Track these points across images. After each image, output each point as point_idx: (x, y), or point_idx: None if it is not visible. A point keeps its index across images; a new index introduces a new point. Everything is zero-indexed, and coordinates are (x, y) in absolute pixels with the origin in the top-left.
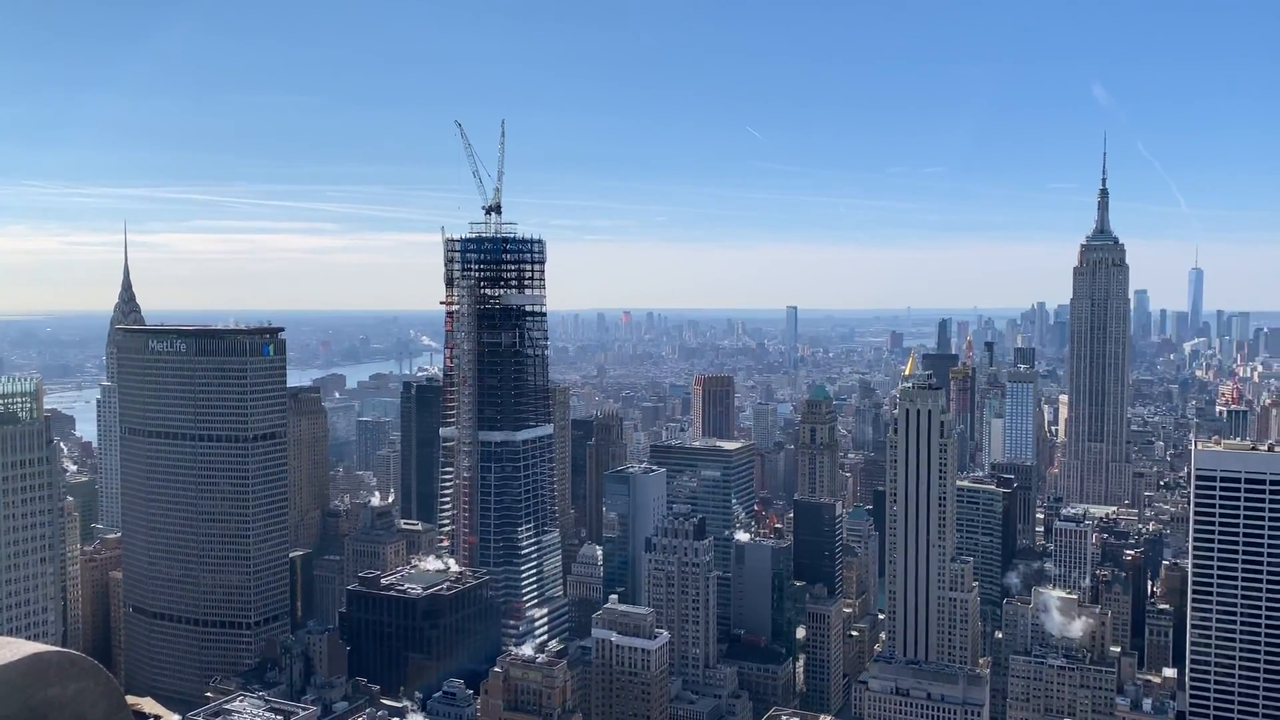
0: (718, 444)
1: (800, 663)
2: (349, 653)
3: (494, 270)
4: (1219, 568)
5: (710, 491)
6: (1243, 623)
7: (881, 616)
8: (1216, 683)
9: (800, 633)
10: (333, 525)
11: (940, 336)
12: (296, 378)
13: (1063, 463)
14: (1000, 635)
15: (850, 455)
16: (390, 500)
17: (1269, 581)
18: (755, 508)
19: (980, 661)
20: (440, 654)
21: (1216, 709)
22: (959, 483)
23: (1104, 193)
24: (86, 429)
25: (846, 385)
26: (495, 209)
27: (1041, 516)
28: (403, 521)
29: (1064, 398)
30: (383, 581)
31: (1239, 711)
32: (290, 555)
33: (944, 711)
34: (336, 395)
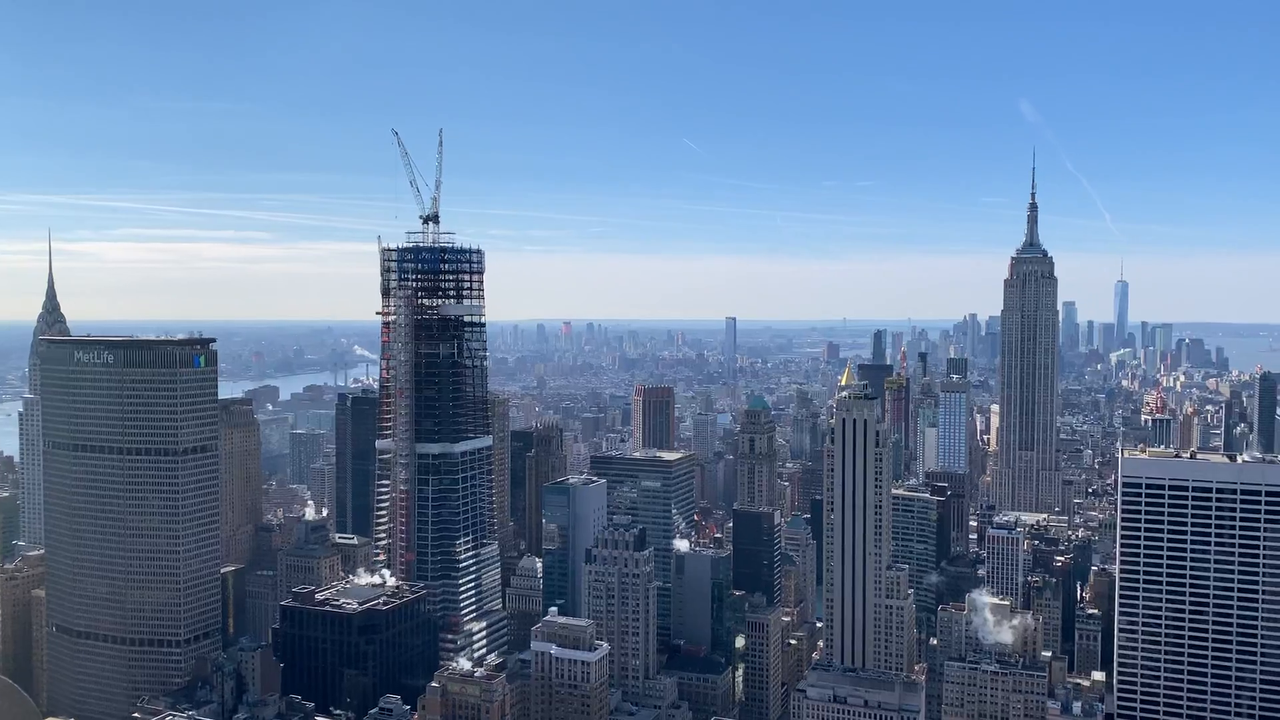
0: (658, 454)
1: (739, 672)
2: (283, 670)
3: (432, 280)
4: (1145, 573)
5: (650, 502)
6: (1167, 626)
7: (819, 624)
8: (1143, 685)
9: (739, 642)
10: (266, 540)
11: (875, 347)
12: (228, 389)
13: (994, 471)
14: (935, 642)
15: (789, 465)
16: (325, 514)
17: (1192, 585)
18: (695, 517)
19: (916, 668)
20: (377, 670)
21: (1143, 710)
22: (894, 491)
23: (1033, 207)
24: (7, 443)
25: (785, 395)
26: (433, 218)
27: (974, 524)
28: (338, 536)
29: (995, 407)
30: (317, 597)
31: (1164, 712)
32: (222, 571)
33: (881, 718)
34: (269, 407)
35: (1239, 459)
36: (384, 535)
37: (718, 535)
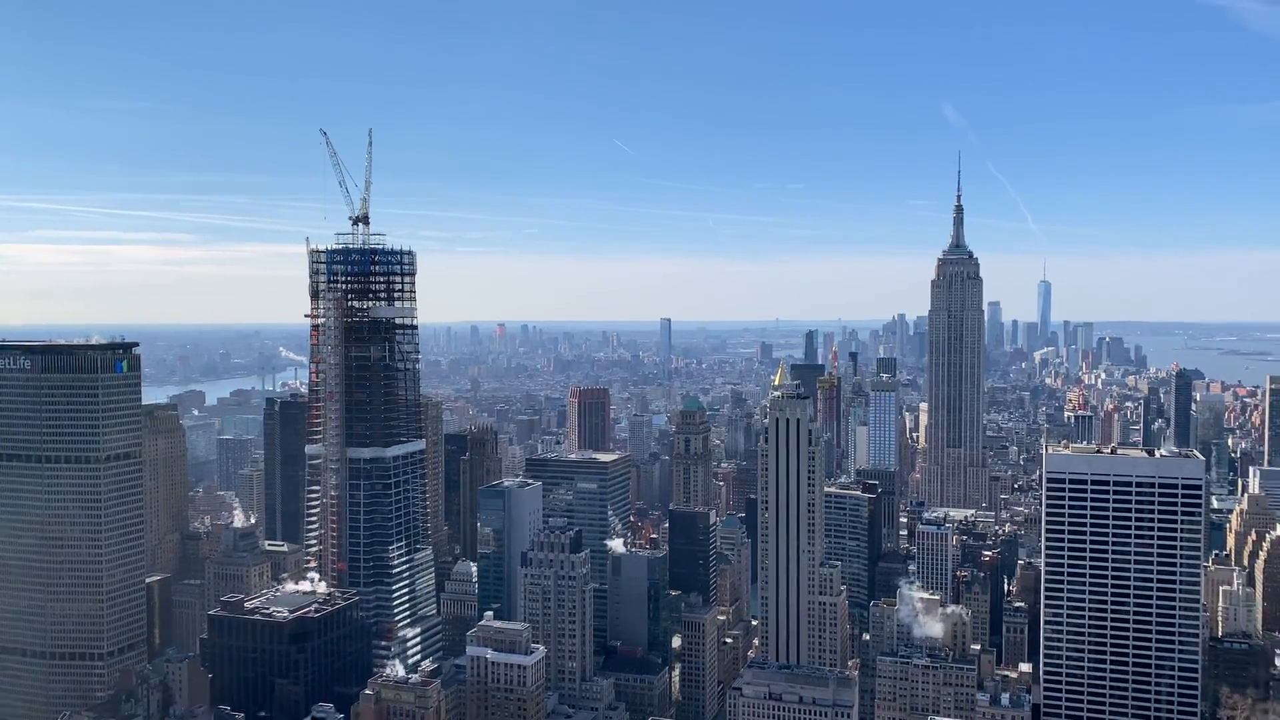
0: (594, 456)
1: (676, 672)
2: (211, 680)
3: (362, 282)
4: (1069, 565)
5: (587, 504)
6: (1090, 617)
7: (755, 622)
8: (1068, 675)
9: (676, 642)
10: (193, 548)
11: (807, 347)
12: (152, 395)
13: (924, 468)
14: (868, 637)
15: (724, 464)
16: (254, 521)
17: (1114, 577)
18: (631, 519)
19: (850, 663)
20: (309, 678)
21: (1068, 700)
22: (827, 489)
23: (959, 209)
24: None
25: (719, 396)
26: (363, 220)
27: (905, 520)
28: (267, 543)
29: (924, 405)
30: (246, 605)
31: (1088, 701)
32: (147, 581)
33: (815, 714)
34: (195, 412)
35: (1157, 453)
36: (315, 541)
37: (654, 536)
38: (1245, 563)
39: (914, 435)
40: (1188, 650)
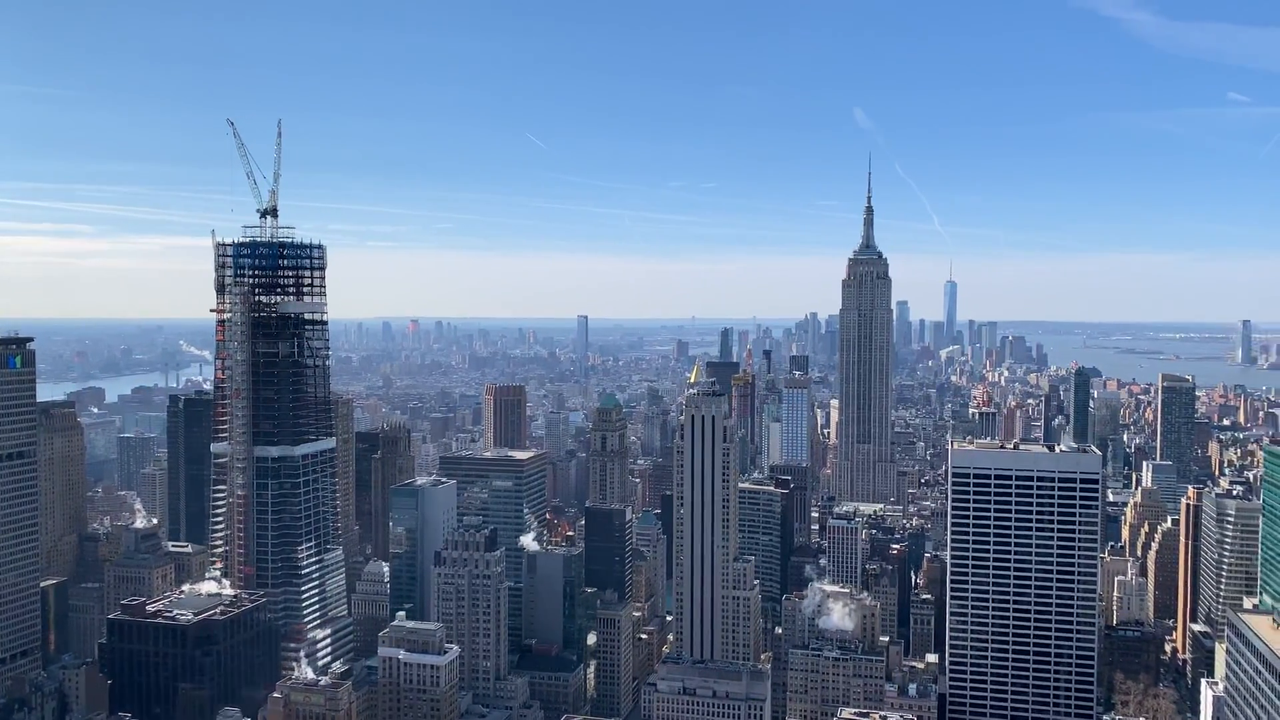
0: (510, 454)
1: (591, 669)
2: (111, 687)
3: (270, 276)
4: (973, 557)
5: (502, 502)
6: (994, 608)
7: (670, 618)
8: (972, 664)
9: (591, 639)
10: (91, 550)
11: (723, 345)
12: (48, 392)
13: (834, 463)
14: (780, 631)
15: (640, 461)
16: (156, 522)
17: (1016, 569)
18: (548, 516)
19: (762, 657)
20: (214, 682)
21: (973, 689)
22: (741, 485)
23: (869, 210)
24: None
25: (636, 393)
26: (271, 212)
27: (816, 515)
28: (171, 544)
29: (835, 402)
30: (148, 608)
31: (992, 689)
32: (42, 584)
33: (729, 708)
34: (94, 410)
35: (1057, 449)
36: (221, 542)
37: (570, 533)
38: (1138, 553)
39: (825, 431)
40: (1085, 638)
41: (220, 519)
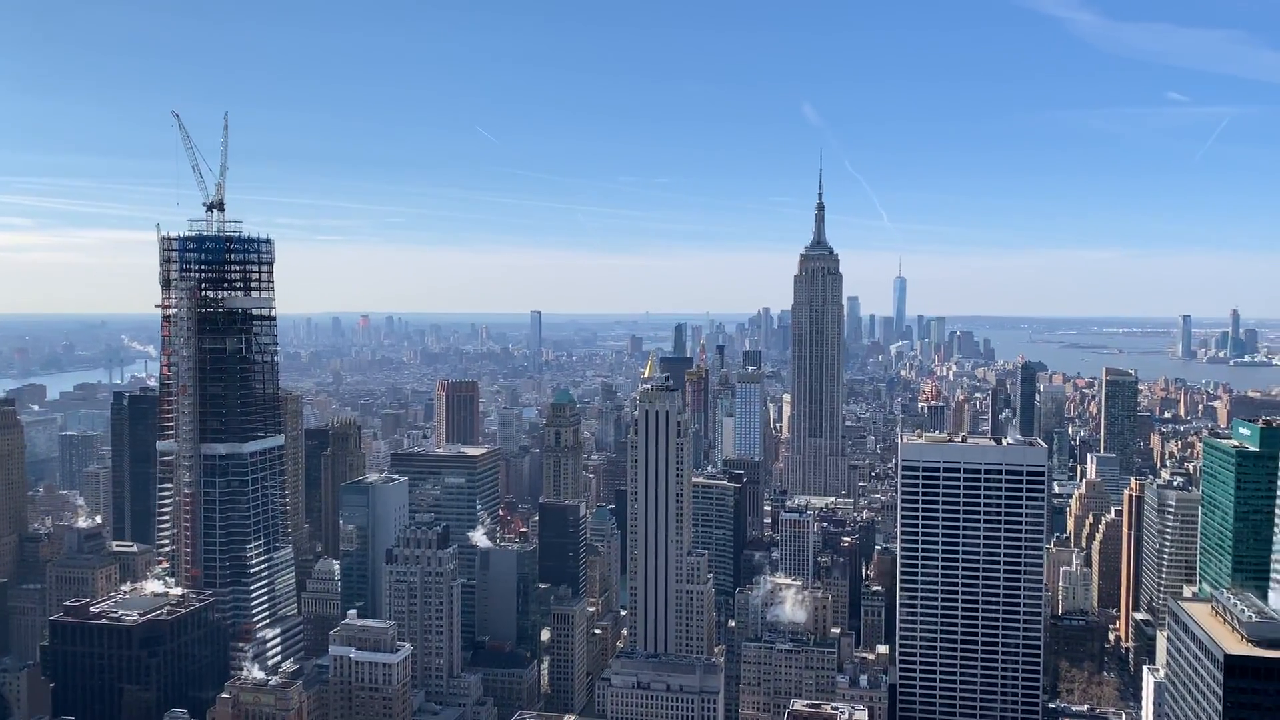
0: (462, 450)
1: (545, 665)
2: (53, 690)
3: (217, 271)
4: (922, 549)
5: (454, 499)
6: (943, 599)
7: (624, 613)
8: (922, 654)
9: (545, 635)
10: (32, 551)
11: (676, 340)
12: None
13: (787, 457)
14: (733, 624)
15: (594, 457)
16: (100, 521)
17: (964, 560)
18: (501, 513)
19: (716, 650)
20: (161, 684)
21: (922, 679)
22: (695, 479)
23: (820, 206)
24: None
25: (590, 388)
26: (218, 206)
27: (769, 509)
28: (115, 544)
29: (787, 397)
30: (92, 609)
31: (941, 679)
32: None
33: (682, 701)
34: (35, 408)
35: (1004, 442)
36: (167, 541)
37: (524, 530)
38: (1083, 544)
39: (778, 426)
40: (1031, 628)
41: (166, 518)
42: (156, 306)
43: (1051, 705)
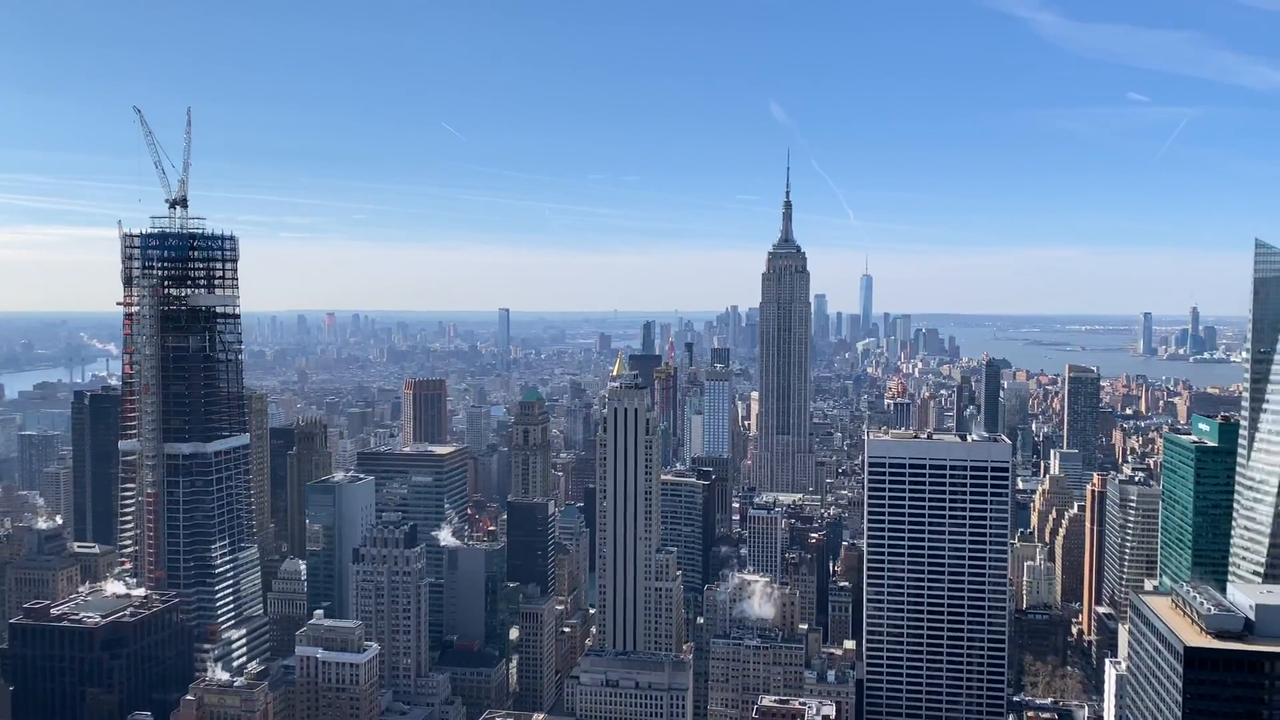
0: (430, 449)
1: (514, 663)
2: (13, 694)
3: (180, 268)
4: (889, 545)
5: (422, 497)
6: (909, 594)
7: (593, 611)
8: (889, 649)
9: (513, 633)
10: None
11: (645, 338)
12: None
13: (755, 454)
14: (702, 620)
15: (563, 455)
16: (60, 522)
17: (930, 555)
18: (469, 511)
19: (685, 647)
20: (124, 686)
21: (889, 673)
22: (663, 477)
23: (788, 204)
24: None
25: (558, 386)
26: (180, 202)
27: (737, 505)
28: (77, 545)
29: (755, 394)
30: (53, 611)
31: (908, 673)
32: None
33: (651, 699)
34: None
35: (968, 438)
36: (130, 542)
37: (492, 529)
38: (1046, 539)
39: (746, 423)
40: (996, 622)
41: (129, 518)
42: (118, 304)
43: (1016, 698)
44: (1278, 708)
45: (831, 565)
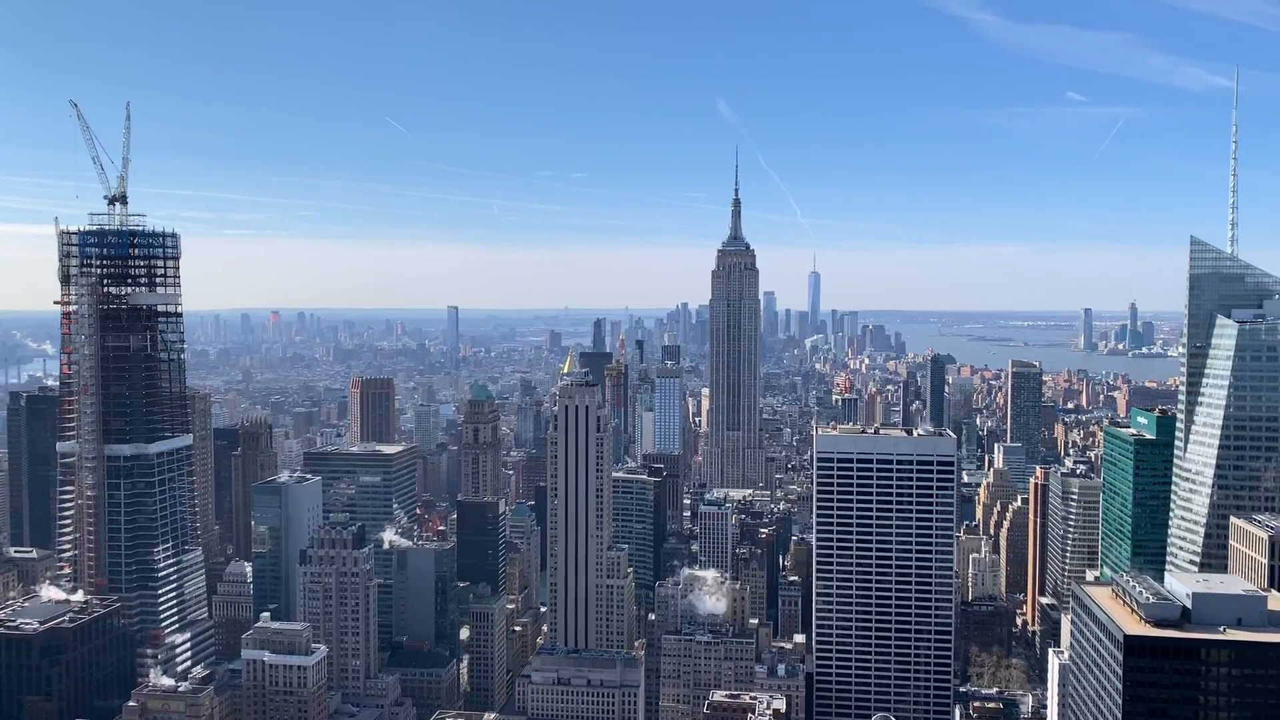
0: (377, 448)
1: (464, 663)
2: None
3: (120, 266)
4: (838, 539)
5: (370, 498)
6: (858, 587)
7: (544, 609)
8: (838, 642)
9: (464, 633)
10: None
11: (596, 335)
12: None
13: (705, 451)
14: (654, 617)
15: (513, 453)
16: None
17: (878, 549)
18: (418, 511)
19: (636, 644)
20: (63, 694)
21: (839, 666)
22: (615, 474)
23: (737, 202)
24: None
25: (508, 384)
26: (120, 199)
27: (688, 502)
28: (13, 550)
29: (706, 391)
30: None
31: (857, 667)
32: None
33: (602, 696)
34: None
35: (915, 433)
36: (69, 546)
37: (442, 528)
38: (991, 531)
39: (697, 420)
40: (942, 614)
41: (68, 522)
42: (56, 303)
43: (963, 689)
44: (1214, 693)
45: (781, 560)
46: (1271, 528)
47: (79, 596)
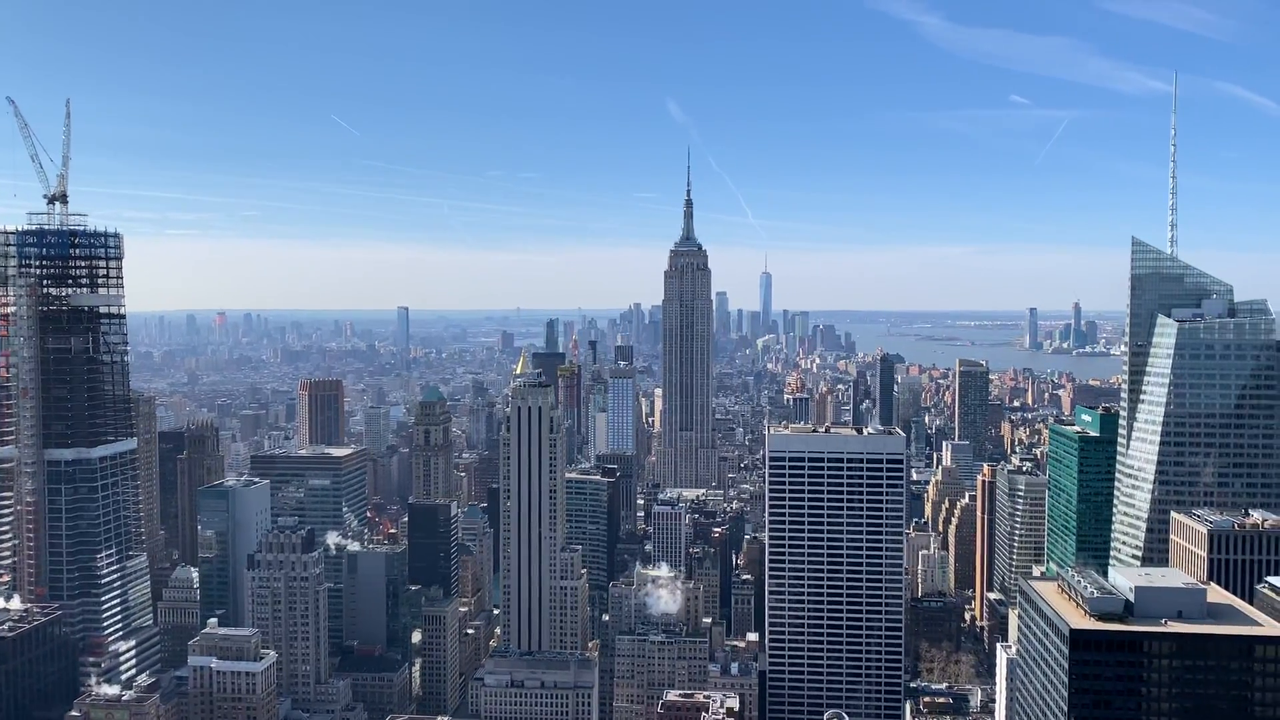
0: (327, 451)
1: (417, 667)
2: None
3: (60, 267)
4: (789, 537)
5: (320, 501)
6: (809, 585)
7: (497, 611)
8: (790, 640)
9: (416, 637)
10: None
11: (548, 336)
12: None
13: (659, 451)
14: (607, 618)
15: (465, 455)
16: None
17: (829, 547)
18: (369, 514)
19: (591, 645)
20: (3, 704)
21: (791, 664)
22: (568, 475)
23: (689, 203)
24: None
25: (460, 385)
26: (60, 198)
27: (642, 502)
28: None
29: (659, 391)
30: None
31: (809, 664)
32: None
33: (556, 698)
34: None
35: (864, 432)
36: (8, 553)
37: (393, 531)
38: (940, 528)
39: (650, 420)
40: (893, 611)
41: (7, 528)
42: None
43: (913, 684)
44: (1156, 684)
45: (735, 559)
46: (1210, 522)
47: (18, 604)
